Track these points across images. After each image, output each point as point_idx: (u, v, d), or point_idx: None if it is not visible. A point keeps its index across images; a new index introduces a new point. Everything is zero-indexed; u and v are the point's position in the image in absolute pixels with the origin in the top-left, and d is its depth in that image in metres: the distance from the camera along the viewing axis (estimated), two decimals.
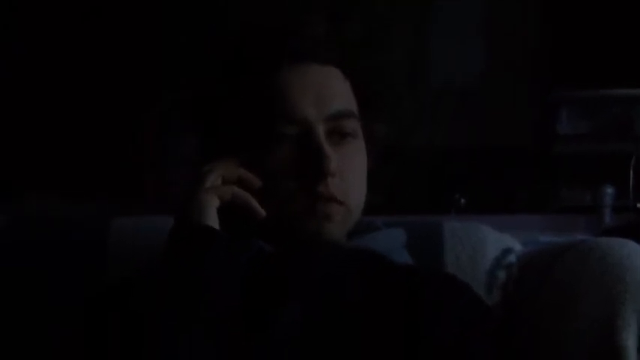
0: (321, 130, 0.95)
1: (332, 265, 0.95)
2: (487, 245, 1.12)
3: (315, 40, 0.99)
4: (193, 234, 0.90)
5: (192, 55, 2.57)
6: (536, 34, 3.35)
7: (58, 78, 3.09)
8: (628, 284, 0.97)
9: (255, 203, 0.94)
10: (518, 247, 1.15)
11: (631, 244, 1.03)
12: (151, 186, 3.24)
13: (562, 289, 1.02)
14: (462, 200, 2.96)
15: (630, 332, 0.95)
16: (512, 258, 1.12)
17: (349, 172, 0.97)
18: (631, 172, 2.61)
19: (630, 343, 0.94)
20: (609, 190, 2.67)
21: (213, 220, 0.91)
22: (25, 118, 3.11)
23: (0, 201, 2.43)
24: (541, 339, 1.02)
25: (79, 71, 3.08)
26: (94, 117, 3.08)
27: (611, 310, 0.96)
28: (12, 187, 2.82)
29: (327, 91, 0.97)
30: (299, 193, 0.94)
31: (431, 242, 1.12)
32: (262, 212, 0.94)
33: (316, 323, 0.90)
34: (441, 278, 1.01)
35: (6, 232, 1.15)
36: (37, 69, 3.09)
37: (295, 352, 0.88)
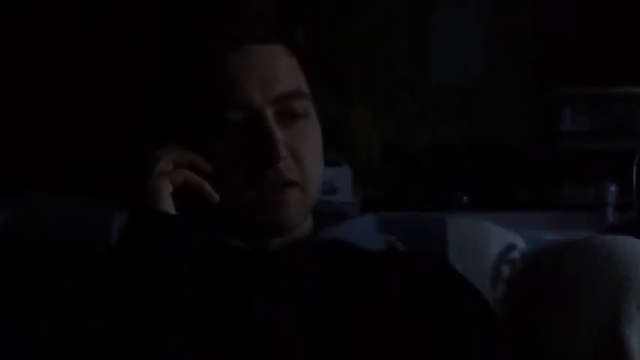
0: (268, 113, 0.93)
1: (305, 258, 0.94)
2: (491, 240, 1.12)
3: (252, 18, 0.98)
4: (151, 219, 0.88)
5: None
6: (538, 31, 3.35)
7: (57, 73, 3.09)
8: (632, 281, 0.98)
9: (208, 187, 0.92)
10: (522, 243, 1.15)
11: (635, 242, 1.03)
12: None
13: (567, 285, 1.02)
14: (465, 198, 2.96)
15: (634, 329, 0.95)
16: (515, 254, 1.12)
17: (302, 152, 0.94)
18: (634, 170, 2.61)
19: (634, 339, 0.94)
20: (612, 188, 2.67)
21: (169, 206, 0.90)
22: (28, 115, 3.12)
23: (3, 195, 2.42)
24: (545, 334, 1.02)
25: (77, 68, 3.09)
26: (94, 113, 3.08)
27: (615, 307, 0.96)
28: (15, 181, 2.82)
29: (271, 72, 0.94)
30: (249, 181, 0.92)
31: (434, 237, 1.12)
32: (216, 196, 0.92)
33: (291, 318, 0.89)
34: (420, 260, 0.99)
35: (8, 228, 1.15)
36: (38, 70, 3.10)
37: (270, 348, 0.87)
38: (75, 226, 1.16)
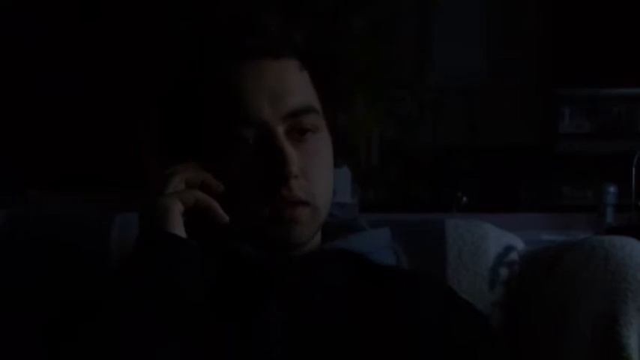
0: (279, 129, 0.91)
1: (314, 268, 0.94)
2: (489, 242, 1.12)
3: (265, 33, 0.95)
4: (158, 242, 0.88)
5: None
6: (538, 33, 3.35)
7: (57, 75, 3.09)
8: (630, 282, 0.97)
9: (218, 208, 0.91)
10: (520, 245, 1.14)
11: (633, 243, 1.03)
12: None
13: (565, 286, 1.02)
14: (464, 199, 2.96)
15: (632, 330, 0.95)
16: (514, 255, 1.12)
17: (313, 170, 0.94)
18: (633, 171, 2.61)
19: (632, 341, 0.94)
20: (611, 189, 2.67)
21: (178, 226, 0.89)
22: (28, 115, 3.12)
23: (3, 195, 2.43)
24: (543, 336, 1.02)
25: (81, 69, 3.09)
26: (97, 113, 3.08)
27: (613, 308, 0.96)
28: (15, 181, 2.83)
29: (282, 88, 0.93)
30: (262, 198, 0.91)
31: (433, 239, 1.12)
32: (226, 217, 0.91)
33: (298, 326, 0.90)
34: (421, 277, 1.00)
35: (8, 227, 1.15)
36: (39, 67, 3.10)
37: (278, 354, 0.88)
38: (75, 226, 1.16)
